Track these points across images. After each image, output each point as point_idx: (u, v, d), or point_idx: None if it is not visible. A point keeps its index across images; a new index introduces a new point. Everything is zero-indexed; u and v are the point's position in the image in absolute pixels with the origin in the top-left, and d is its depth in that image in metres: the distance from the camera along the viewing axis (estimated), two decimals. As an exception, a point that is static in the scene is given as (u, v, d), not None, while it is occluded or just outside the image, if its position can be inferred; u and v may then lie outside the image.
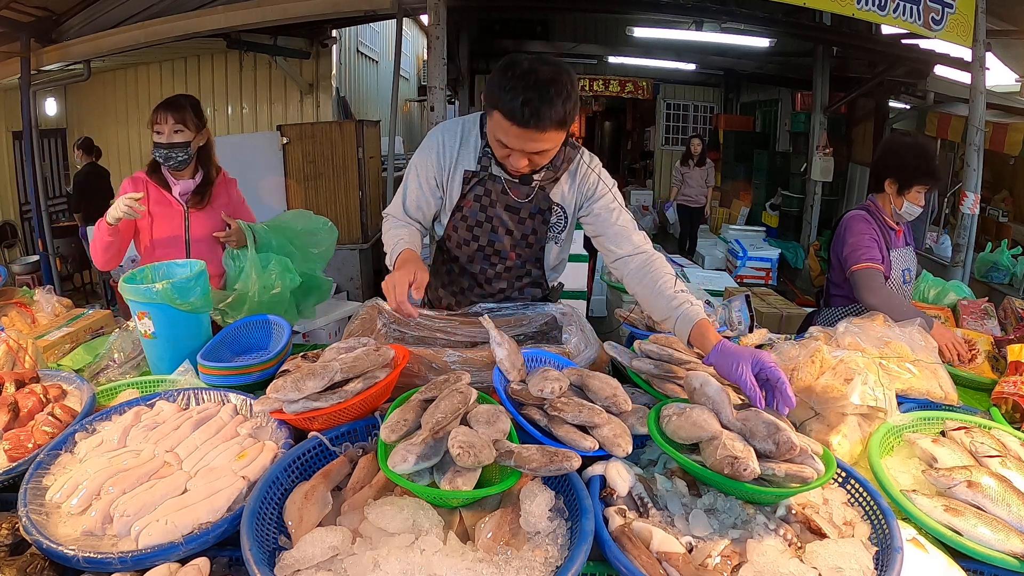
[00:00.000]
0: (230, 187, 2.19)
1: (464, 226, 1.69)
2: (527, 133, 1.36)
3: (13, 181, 6.60)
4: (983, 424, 1.29)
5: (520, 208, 1.65)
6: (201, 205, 2.07)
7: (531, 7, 8.22)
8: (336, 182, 5.50)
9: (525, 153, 1.42)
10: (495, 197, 1.64)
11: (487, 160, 1.60)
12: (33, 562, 0.89)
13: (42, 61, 4.95)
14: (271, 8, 4.54)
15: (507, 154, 1.44)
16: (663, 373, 1.37)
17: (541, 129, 1.35)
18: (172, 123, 1.96)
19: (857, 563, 0.89)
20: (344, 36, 7.42)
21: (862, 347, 1.49)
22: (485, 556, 0.86)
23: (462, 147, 1.62)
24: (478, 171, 1.62)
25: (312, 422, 1.13)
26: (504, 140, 1.40)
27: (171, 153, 1.98)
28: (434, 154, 1.63)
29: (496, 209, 1.65)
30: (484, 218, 1.67)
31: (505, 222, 1.67)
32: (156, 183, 2.05)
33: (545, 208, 1.65)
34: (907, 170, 2.14)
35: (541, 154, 1.44)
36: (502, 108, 1.35)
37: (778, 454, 0.99)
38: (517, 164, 1.45)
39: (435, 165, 1.63)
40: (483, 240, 1.70)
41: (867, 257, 2.12)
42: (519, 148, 1.40)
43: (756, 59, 8.33)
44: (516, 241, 1.70)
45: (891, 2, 3.85)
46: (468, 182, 1.63)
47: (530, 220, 1.67)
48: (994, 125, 4.90)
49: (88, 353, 1.78)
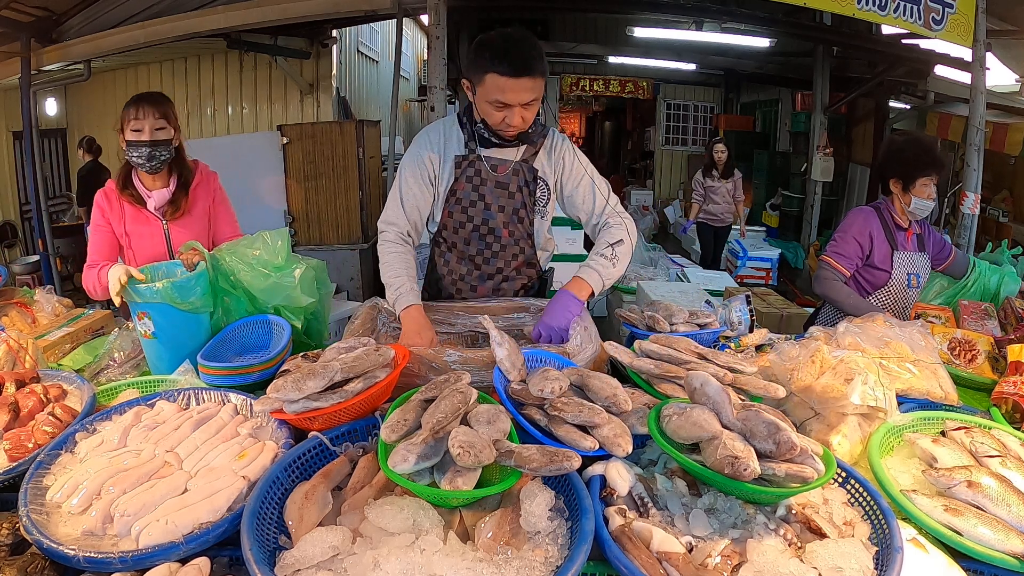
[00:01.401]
0: (211, 182, 2.07)
1: (459, 208, 1.83)
2: (521, 82, 1.57)
3: (13, 181, 6.60)
4: (983, 424, 1.29)
5: (508, 183, 1.81)
6: (178, 214, 1.97)
7: (531, 7, 8.21)
8: (336, 182, 5.50)
9: (520, 106, 1.61)
10: (484, 176, 1.80)
11: (473, 144, 1.78)
12: (33, 562, 0.89)
13: (42, 61, 4.95)
14: (271, 8, 4.54)
15: (503, 116, 1.63)
16: (663, 373, 1.37)
17: (532, 76, 1.58)
18: (154, 118, 1.84)
19: (857, 563, 0.89)
20: (344, 36, 7.42)
21: (862, 347, 1.49)
22: (485, 556, 0.86)
23: (447, 140, 1.80)
24: (467, 154, 1.79)
25: (312, 422, 1.13)
26: (501, 97, 1.59)
27: (154, 151, 1.85)
28: (423, 151, 1.80)
29: (487, 186, 1.81)
30: (477, 197, 1.81)
31: (497, 198, 1.82)
32: (129, 199, 1.93)
33: (531, 179, 1.82)
34: (907, 165, 2.16)
35: (529, 106, 1.64)
36: (495, 68, 1.56)
37: (778, 454, 0.99)
38: (513, 120, 1.63)
39: (426, 162, 1.79)
40: (477, 220, 1.84)
41: (834, 251, 2.24)
42: (515, 101, 1.60)
43: (756, 59, 8.33)
44: (508, 218, 1.84)
45: (891, 2, 3.84)
46: (459, 165, 1.79)
47: (518, 194, 1.82)
48: (994, 125, 4.90)
49: (88, 353, 1.78)
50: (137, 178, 1.94)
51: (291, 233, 5.50)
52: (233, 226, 2.12)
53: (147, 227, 1.97)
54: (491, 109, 1.64)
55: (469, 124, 1.77)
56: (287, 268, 1.67)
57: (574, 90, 10.55)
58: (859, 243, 2.21)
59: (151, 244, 1.97)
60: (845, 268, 2.22)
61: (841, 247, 2.23)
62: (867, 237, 2.21)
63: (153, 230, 1.97)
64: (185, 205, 1.98)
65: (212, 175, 2.10)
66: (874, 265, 2.23)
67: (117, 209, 1.95)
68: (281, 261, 1.66)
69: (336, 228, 5.60)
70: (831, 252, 2.25)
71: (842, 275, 2.22)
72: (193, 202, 2.01)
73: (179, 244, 1.90)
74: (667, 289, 4.19)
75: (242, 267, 1.64)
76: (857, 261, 2.23)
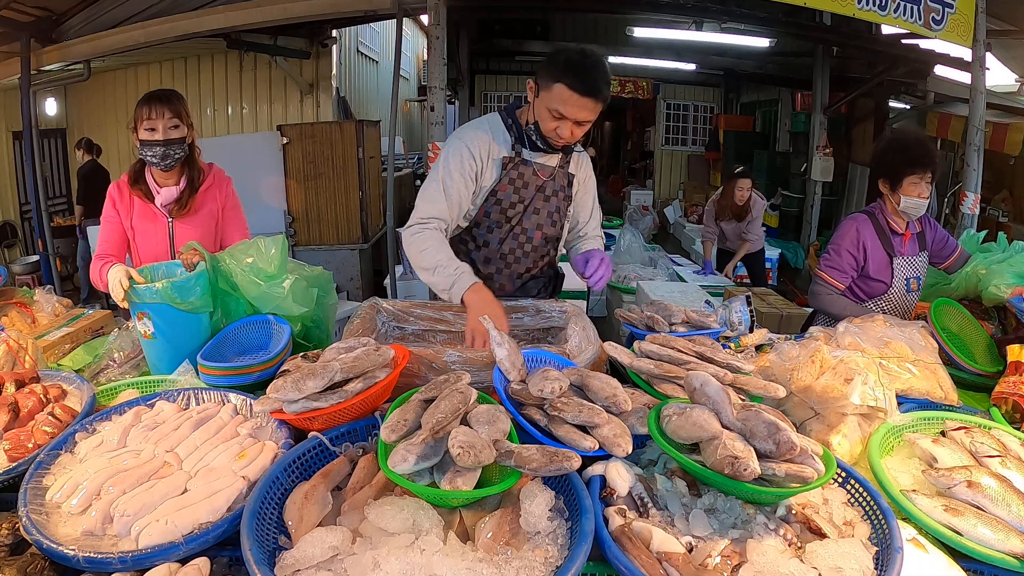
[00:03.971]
0: (224, 187, 2.07)
1: (498, 209, 1.85)
2: (585, 102, 1.62)
3: (13, 181, 6.60)
4: (983, 424, 1.29)
5: (546, 186, 1.86)
6: (183, 213, 1.97)
7: (531, 7, 8.22)
8: (336, 182, 5.51)
9: (576, 123, 1.67)
10: (527, 179, 1.84)
11: (519, 147, 1.82)
12: (33, 562, 0.89)
13: (42, 61, 4.95)
14: (271, 8, 4.54)
15: (557, 126, 1.68)
16: (663, 373, 1.37)
17: (596, 99, 1.63)
18: (168, 117, 1.84)
19: (857, 563, 0.89)
20: (344, 36, 7.43)
21: (862, 347, 1.49)
22: (485, 556, 0.86)
23: (494, 140, 1.81)
24: (513, 156, 1.82)
25: (312, 422, 1.13)
26: (562, 109, 1.65)
27: (168, 150, 1.86)
28: (465, 149, 1.78)
29: (528, 189, 1.85)
30: (517, 199, 1.85)
31: (534, 202, 1.87)
32: (139, 194, 1.94)
33: (567, 184, 1.91)
34: (892, 165, 2.12)
35: (583, 125, 1.69)
36: (567, 80, 1.60)
37: (778, 454, 0.99)
38: (565, 133, 1.69)
39: (468, 157, 1.78)
40: (515, 221, 1.87)
41: (828, 265, 2.23)
42: (573, 117, 1.65)
43: (756, 59, 8.32)
44: (543, 220, 1.90)
45: (891, 2, 3.85)
46: (505, 167, 1.81)
47: (554, 197, 1.89)
48: (994, 125, 4.90)
49: (88, 353, 1.78)
50: (149, 174, 1.96)
51: (291, 233, 5.53)
52: (243, 232, 2.10)
53: (153, 223, 1.98)
54: (548, 116, 1.68)
55: (516, 126, 1.80)
56: (278, 278, 1.63)
57: (574, 90, 10.54)
58: (852, 255, 2.18)
59: (155, 240, 1.98)
60: (839, 282, 2.20)
61: (834, 261, 2.20)
62: (860, 248, 2.17)
63: (158, 227, 1.98)
64: (192, 205, 1.98)
65: (226, 180, 2.09)
66: (870, 276, 2.19)
67: (127, 202, 1.97)
68: (273, 270, 1.63)
69: (336, 228, 5.61)
70: (825, 267, 2.22)
71: (837, 289, 2.21)
72: (201, 203, 2.01)
73: (182, 243, 1.89)
74: (667, 289, 4.18)
75: (238, 272, 1.64)
76: (852, 273, 2.20)
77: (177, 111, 1.87)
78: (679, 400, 1.19)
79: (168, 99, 1.87)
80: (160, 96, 1.87)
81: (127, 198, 1.97)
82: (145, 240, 1.98)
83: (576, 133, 1.71)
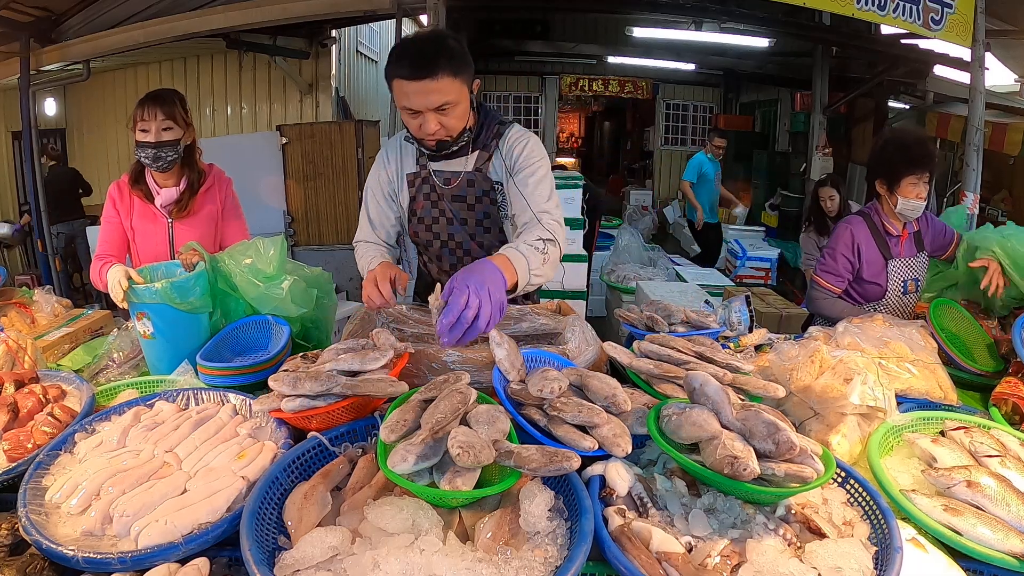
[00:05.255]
0: (224, 188, 2.07)
1: (423, 227, 1.78)
2: (423, 84, 1.44)
3: (13, 181, 6.60)
4: (983, 424, 1.29)
5: (465, 195, 1.72)
6: (183, 214, 1.97)
7: (531, 7, 8.22)
8: (336, 182, 5.50)
9: (430, 111, 1.49)
10: (440, 192, 1.73)
11: (424, 159, 1.72)
12: (33, 562, 0.89)
13: (42, 61, 4.95)
14: (271, 8, 4.54)
15: (418, 123, 1.52)
16: (663, 373, 1.37)
17: (434, 76, 1.43)
18: (160, 119, 1.84)
19: (857, 563, 0.89)
20: (343, 36, 7.42)
21: (861, 347, 1.49)
22: (485, 556, 0.86)
23: (401, 156, 1.76)
24: (418, 171, 1.74)
25: (311, 421, 1.13)
26: (408, 104, 1.48)
27: (160, 152, 1.85)
28: (381, 169, 1.77)
29: (445, 202, 1.73)
30: (437, 213, 1.75)
31: (456, 212, 1.74)
32: (139, 194, 1.95)
33: (488, 188, 1.72)
34: (890, 164, 2.10)
35: (446, 110, 1.50)
36: (396, 72, 1.46)
37: (778, 454, 0.99)
38: (429, 127, 1.51)
39: (384, 179, 1.77)
40: (443, 236, 1.78)
41: (823, 270, 2.23)
42: (422, 106, 1.47)
43: (756, 59, 8.32)
44: (473, 230, 1.76)
45: (890, 2, 3.85)
46: (413, 184, 1.75)
47: (478, 204, 1.73)
48: (994, 125, 4.90)
49: (87, 353, 1.78)
50: (149, 174, 1.96)
51: (290, 233, 5.53)
52: (243, 233, 2.10)
53: (153, 224, 1.98)
54: (407, 117, 1.53)
55: (415, 139, 1.65)
56: (277, 279, 1.64)
57: (573, 90, 10.56)
58: (847, 259, 2.18)
59: (154, 241, 1.99)
60: (835, 286, 2.21)
61: (829, 265, 2.20)
62: (855, 252, 2.17)
63: (158, 227, 1.99)
64: (192, 206, 1.98)
65: (226, 181, 2.09)
66: (865, 280, 2.19)
67: (127, 202, 1.97)
68: (272, 271, 1.63)
69: (335, 228, 5.61)
70: (820, 271, 2.23)
71: (833, 293, 2.21)
72: (201, 204, 2.01)
73: (182, 244, 1.90)
74: (666, 289, 4.18)
75: (237, 272, 1.64)
76: (848, 276, 2.21)
77: (171, 113, 1.87)
78: (679, 400, 1.19)
79: (163, 100, 1.86)
80: (155, 97, 1.87)
81: (127, 198, 1.97)
82: (145, 240, 1.99)
83: (448, 123, 1.52)
